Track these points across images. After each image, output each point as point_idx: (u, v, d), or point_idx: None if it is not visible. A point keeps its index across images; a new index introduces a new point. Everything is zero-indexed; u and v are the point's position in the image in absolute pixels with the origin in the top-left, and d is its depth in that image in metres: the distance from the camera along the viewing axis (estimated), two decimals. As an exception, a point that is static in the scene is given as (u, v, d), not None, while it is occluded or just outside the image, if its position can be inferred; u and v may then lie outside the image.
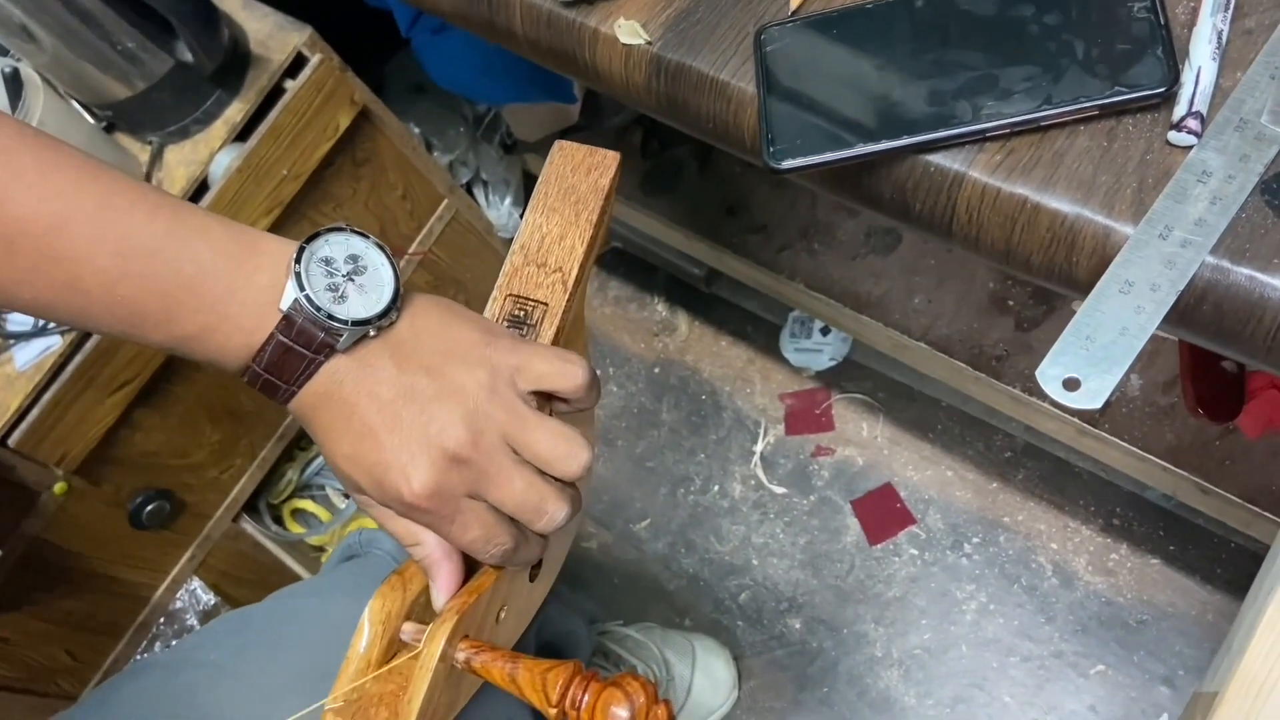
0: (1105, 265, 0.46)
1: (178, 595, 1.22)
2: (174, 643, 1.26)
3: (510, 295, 0.45)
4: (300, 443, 1.35)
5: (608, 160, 0.47)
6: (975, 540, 1.28)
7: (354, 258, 0.45)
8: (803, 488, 1.37)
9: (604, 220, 0.47)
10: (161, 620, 1.21)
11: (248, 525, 1.27)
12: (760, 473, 1.40)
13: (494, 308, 0.45)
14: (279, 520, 1.36)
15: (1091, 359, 0.44)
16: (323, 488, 1.40)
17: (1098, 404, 0.44)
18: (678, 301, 1.54)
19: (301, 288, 0.43)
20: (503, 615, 0.50)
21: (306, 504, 1.37)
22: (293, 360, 0.43)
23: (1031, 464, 1.30)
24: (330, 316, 0.43)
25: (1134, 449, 1.01)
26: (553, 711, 0.43)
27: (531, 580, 0.53)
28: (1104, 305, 0.45)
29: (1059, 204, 0.48)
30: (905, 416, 1.37)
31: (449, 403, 0.44)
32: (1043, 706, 1.18)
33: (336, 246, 0.45)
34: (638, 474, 1.45)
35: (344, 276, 0.44)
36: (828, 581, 1.31)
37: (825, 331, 1.42)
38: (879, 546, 1.31)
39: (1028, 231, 0.49)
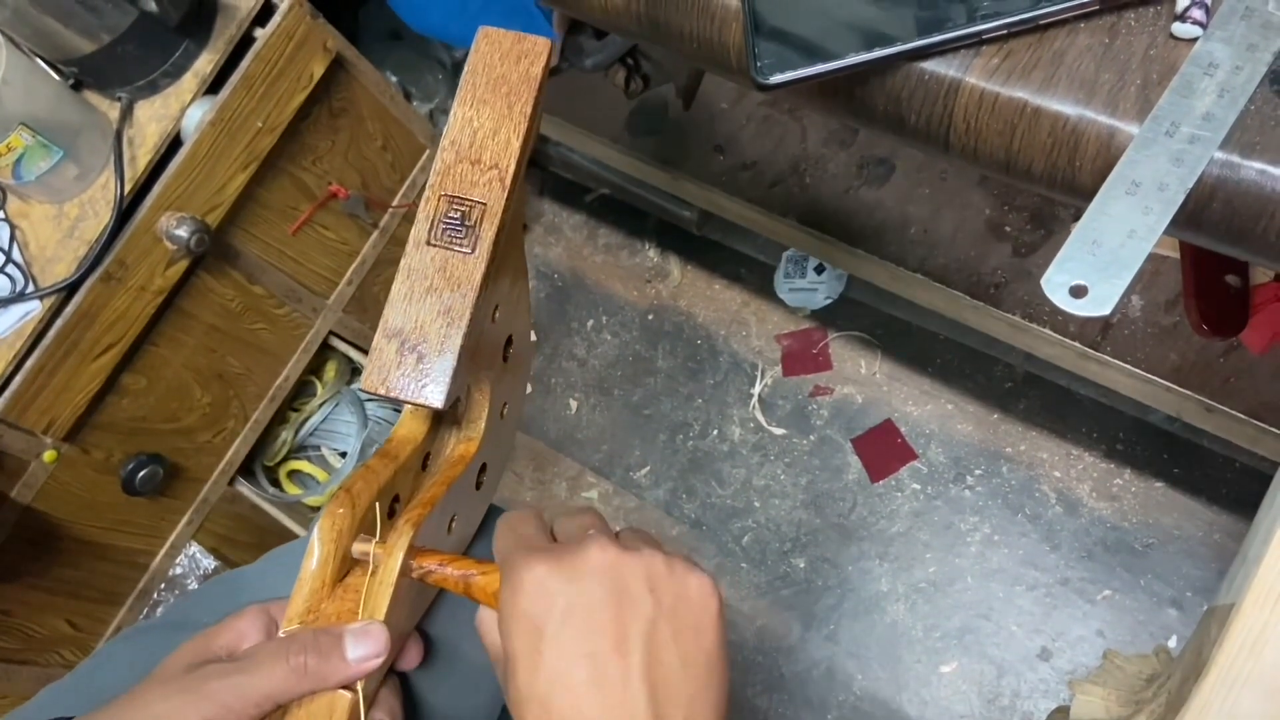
0: (1110, 168, 0.44)
1: (177, 561, 1.21)
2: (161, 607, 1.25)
3: (445, 196, 0.42)
4: (294, 404, 1.33)
5: (538, 47, 0.43)
6: (978, 472, 1.27)
7: None
8: (802, 428, 1.36)
9: (537, 113, 0.44)
10: (163, 586, 1.20)
11: (244, 488, 1.26)
12: (759, 415, 1.39)
13: (427, 209, 0.42)
14: (275, 482, 1.35)
15: (1098, 264, 0.43)
16: (318, 448, 1.38)
17: (1106, 310, 0.43)
18: (669, 246, 1.52)
19: None
20: (454, 525, 0.49)
21: (302, 465, 1.36)
22: None
23: (1032, 393, 1.28)
24: None
25: (1137, 371, 1.00)
26: None
27: (478, 489, 0.52)
28: (1110, 208, 0.43)
29: (1060, 106, 0.46)
30: (903, 352, 1.35)
31: None
32: (1050, 633, 1.18)
33: None
34: (635, 422, 1.44)
35: None
36: (830, 520, 1.31)
37: (820, 270, 1.40)
38: (881, 483, 1.30)
39: (1028, 137, 0.47)
